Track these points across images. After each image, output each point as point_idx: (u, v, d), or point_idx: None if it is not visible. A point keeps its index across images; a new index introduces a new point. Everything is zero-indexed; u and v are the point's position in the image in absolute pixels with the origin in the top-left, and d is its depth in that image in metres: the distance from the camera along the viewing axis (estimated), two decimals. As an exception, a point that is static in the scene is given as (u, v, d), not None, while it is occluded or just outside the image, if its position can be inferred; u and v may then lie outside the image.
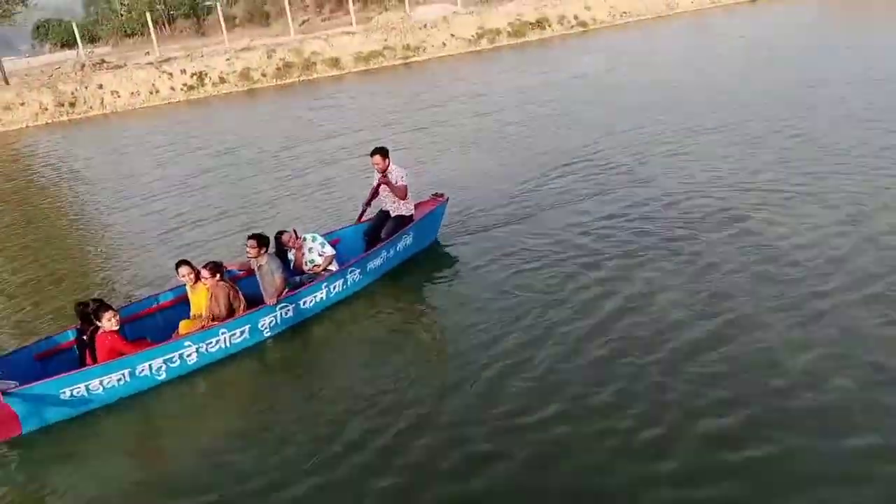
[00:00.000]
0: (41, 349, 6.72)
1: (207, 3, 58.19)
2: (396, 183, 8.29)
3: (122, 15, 57.17)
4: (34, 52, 58.32)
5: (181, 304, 7.45)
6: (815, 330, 5.93)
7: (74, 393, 6.10)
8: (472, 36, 30.43)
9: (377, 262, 7.92)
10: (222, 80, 27.76)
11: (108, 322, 6.30)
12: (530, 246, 8.52)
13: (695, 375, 5.54)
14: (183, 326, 7.08)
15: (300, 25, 37.27)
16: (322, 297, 7.33)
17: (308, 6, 54.72)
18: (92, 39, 53.49)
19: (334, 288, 7.43)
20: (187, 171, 15.29)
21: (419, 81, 24.85)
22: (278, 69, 28.09)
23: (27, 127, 26.01)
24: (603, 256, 7.91)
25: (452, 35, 30.16)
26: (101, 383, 6.18)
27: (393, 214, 8.44)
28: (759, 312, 6.30)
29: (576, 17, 32.66)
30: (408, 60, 29.11)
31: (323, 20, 46.86)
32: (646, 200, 9.49)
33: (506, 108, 17.23)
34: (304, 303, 7.23)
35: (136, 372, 6.30)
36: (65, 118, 26.49)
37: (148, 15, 38.00)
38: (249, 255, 7.30)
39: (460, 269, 8.22)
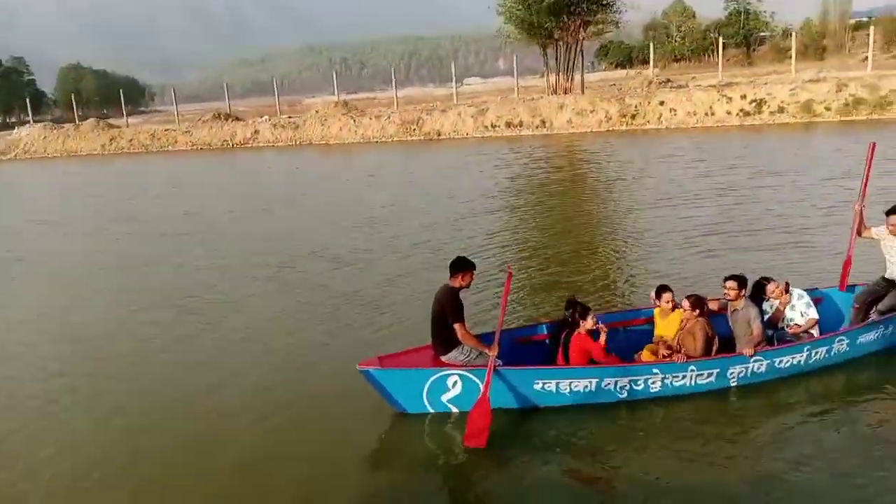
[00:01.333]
0: (521, 335, 7.05)
1: (763, 34, 58.19)
2: None
3: (675, 41, 61.30)
4: (592, 68, 66.89)
5: (645, 326, 7.22)
6: None
7: (546, 387, 6.25)
8: None
9: (871, 336, 6.81)
10: (781, 110, 26.79)
11: (591, 321, 6.36)
12: None
13: None
14: (647, 351, 6.83)
15: (861, 61, 34.31)
16: (800, 361, 6.56)
17: (876, 41, 49.87)
18: (643, 61, 58.57)
19: (816, 354, 6.58)
20: (719, 187, 15.49)
21: None
22: (846, 105, 25.86)
23: (591, 132, 29.21)
24: None
25: None
26: (570, 385, 6.22)
27: None
28: None
29: None
30: None
31: (889, 58, 42.22)
32: None
33: None
34: (780, 362, 6.48)
35: (602, 384, 6.24)
36: (623, 128, 28.96)
37: (720, 39, 40.06)
38: (728, 297, 6.73)
39: None
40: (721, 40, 39.40)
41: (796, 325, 6.88)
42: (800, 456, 5.37)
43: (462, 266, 6.46)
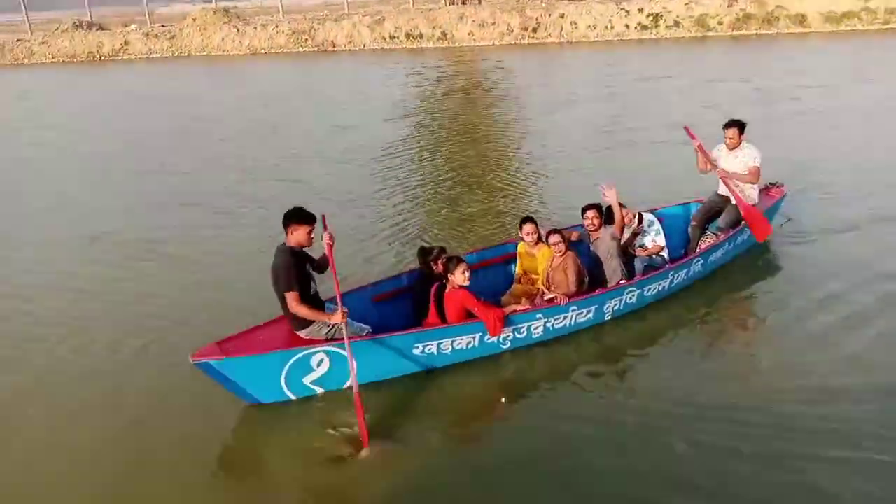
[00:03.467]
0: (379, 291, 6.45)
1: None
2: (748, 165, 7.35)
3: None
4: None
5: (504, 264, 7.14)
6: None
7: (426, 349, 5.78)
8: (981, 11, 26.36)
9: (718, 254, 7.36)
10: (676, 24, 27.51)
11: (461, 276, 5.80)
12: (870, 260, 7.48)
13: None
14: (518, 290, 6.71)
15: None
16: (664, 287, 6.84)
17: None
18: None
19: (677, 278, 6.92)
20: (601, 109, 16.00)
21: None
22: (737, 19, 26.89)
23: (494, 45, 29.11)
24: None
25: (952, 5, 26.62)
26: (451, 344, 5.85)
27: (735, 201, 7.41)
28: None
29: None
30: (888, 26, 25.44)
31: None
32: None
33: None
34: (648, 290, 6.70)
35: (486, 338, 5.91)
36: (526, 41, 29.04)
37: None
38: (589, 228, 6.83)
39: (790, 274, 7.45)
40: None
41: (642, 247, 7.30)
42: (665, 373, 5.81)
43: (292, 218, 5.40)
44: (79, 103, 23.27)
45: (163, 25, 36.01)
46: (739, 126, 7.44)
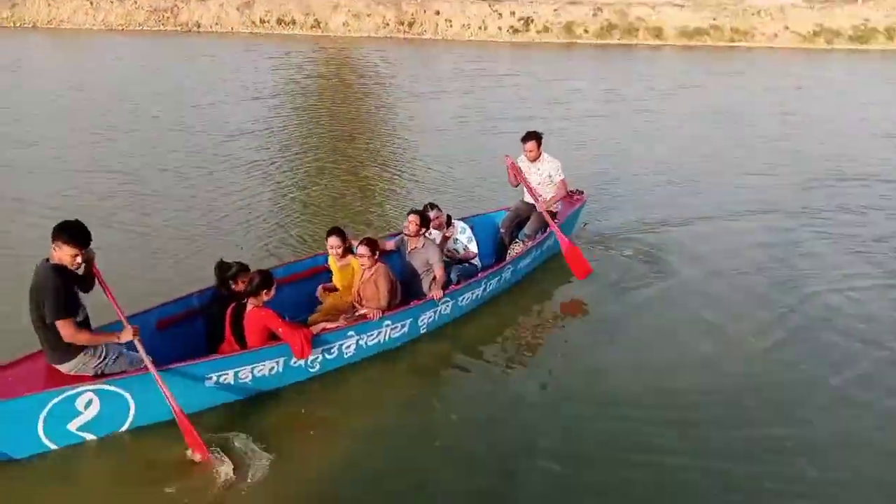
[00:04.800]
0: (165, 315, 5.64)
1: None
2: (553, 179, 7.69)
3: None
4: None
5: (314, 278, 6.65)
6: None
7: (221, 380, 5.07)
8: (808, 32, 28.53)
9: (526, 261, 7.57)
10: (546, 30, 28.73)
11: (266, 297, 5.27)
12: (667, 255, 8.31)
13: None
14: (327, 306, 6.26)
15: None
16: (478, 295, 6.86)
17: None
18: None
19: (489, 286, 7.00)
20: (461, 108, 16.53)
21: (739, 66, 24.29)
22: (601, 28, 28.50)
23: (368, 37, 29.20)
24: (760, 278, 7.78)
25: (786, 27, 28.52)
26: (251, 371, 5.20)
27: (539, 210, 7.65)
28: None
29: (934, 34, 30.51)
30: (733, 44, 27.95)
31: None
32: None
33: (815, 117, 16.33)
34: (463, 300, 6.65)
35: (291, 362, 5.36)
36: (401, 35, 29.38)
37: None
38: (408, 233, 6.53)
39: (592, 276, 7.64)
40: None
41: (452, 253, 7.34)
42: (488, 393, 5.78)
43: (60, 234, 4.55)
44: None
45: (3, -10, 33.48)
46: (537, 138, 7.62)
